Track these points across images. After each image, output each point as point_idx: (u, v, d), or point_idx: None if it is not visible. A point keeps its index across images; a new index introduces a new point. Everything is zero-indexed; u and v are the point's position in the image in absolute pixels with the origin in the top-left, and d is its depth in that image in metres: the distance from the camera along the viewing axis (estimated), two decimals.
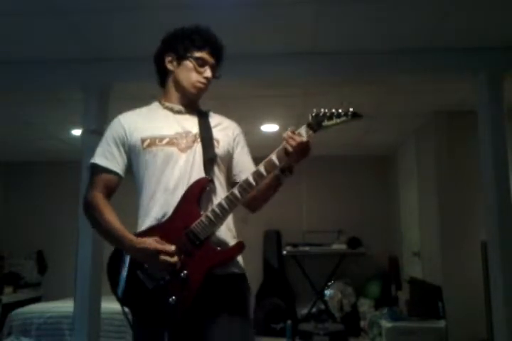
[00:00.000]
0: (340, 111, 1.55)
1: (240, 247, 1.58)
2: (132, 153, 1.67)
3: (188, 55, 1.70)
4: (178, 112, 1.74)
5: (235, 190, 1.56)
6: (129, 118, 1.72)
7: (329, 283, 5.98)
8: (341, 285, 5.93)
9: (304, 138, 1.55)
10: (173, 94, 1.76)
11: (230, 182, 1.76)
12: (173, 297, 1.49)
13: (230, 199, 1.55)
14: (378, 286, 5.84)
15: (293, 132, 1.58)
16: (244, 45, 3.08)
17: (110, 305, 4.55)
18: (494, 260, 3.19)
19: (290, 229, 6.23)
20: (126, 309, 1.60)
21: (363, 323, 5.49)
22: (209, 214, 1.55)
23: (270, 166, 1.56)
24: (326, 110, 1.55)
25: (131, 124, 1.69)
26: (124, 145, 1.68)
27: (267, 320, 5.77)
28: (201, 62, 1.71)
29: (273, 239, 6.38)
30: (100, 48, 3.25)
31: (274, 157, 1.56)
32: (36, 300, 5.91)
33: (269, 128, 5.18)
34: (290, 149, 1.54)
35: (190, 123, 1.71)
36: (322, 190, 6.21)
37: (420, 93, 4.09)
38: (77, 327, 3.19)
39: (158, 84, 1.83)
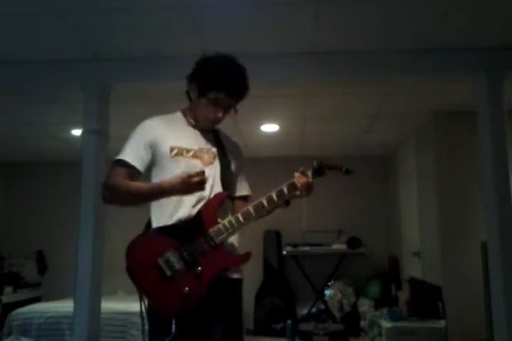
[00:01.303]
0: (337, 166, 1.89)
1: (248, 256, 1.80)
2: (158, 157, 1.83)
3: (206, 92, 1.83)
4: (199, 131, 1.92)
5: (250, 208, 1.79)
6: (160, 125, 1.88)
7: (329, 283, 5.98)
8: (341, 285, 5.93)
9: (310, 179, 1.81)
10: (193, 114, 1.92)
11: (232, 196, 1.96)
12: (187, 288, 1.67)
13: (246, 215, 1.79)
14: (378, 286, 5.84)
15: (302, 172, 1.82)
16: (245, 45, 3.08)
17: (110, 305, 4.57)
18: (494, 260, 3.19)
19: (290, 229, 6.23)
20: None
21: (363, 323, 5.49)
22: (226, 223, 1.77)
23: (280, 195, 1.80)
24: (327, 163, 1.87)
25: (163, 131, 1.85)
26: (152, 148, 1.82)
27: (267, 320, 5.78)
28: (215, 102, 1.84)
29: (273, 239, 6.38)
30: (100, 48, 3.25)
31: (285, 188, 1.80)
32: (36, 300, 5.91)
33: (269, 128, 5.19)
34: (298, 185, 1.79)
35: (209, 142, 1.92)
36: (322, 190, 6.19)
37: (420, 93, 4.10)
38: (77, 327, 3.19)
39: (187, 98, 1.94)
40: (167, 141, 1.83)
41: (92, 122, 3.39)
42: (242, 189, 2.03)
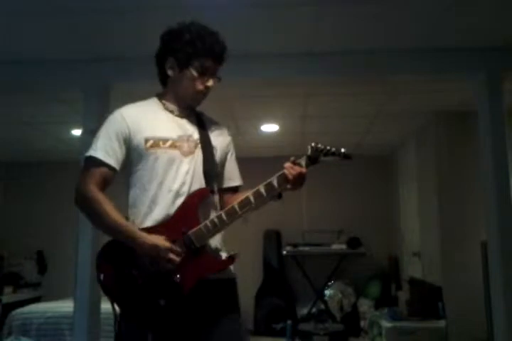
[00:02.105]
0: (334, 150, 1.62)
1: (233, 260, 1.64)
2: (134, 152, 1.65)
3: (189, 63, 1.66)
4: (179, 116, 1.73)
5: (236, 205, 1.59)
6: (132, 115, 1.69)
7: (329, 283, 5.98)
8: (341, 285, 5.93)
9: (304, 169, 1.60)
10: (173, 97, 1.74)
11: (219, 188, 1.77)
12: (164, 300, 1.51)
13: (230, 213, 1.59)
14: (378, 286, 5.84)
15: (293, 162, 1.61)
16: (245, 45, 3.07)
17: (110, 305, 4.57)
18: (494, 260, 3.18)
19: (290, 229, 6.24)
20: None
21: (363, 323, 5.49)
22: (208, 223, 1.58)
23: (270, 188, 1.60)
24: (323, 146, 1.61)
25: (135, 122, 1.67)
26: (125, 141, 1.65)
27: (267, 320, 5.78)
28: (203, 71, 1.67)
29: (273, 239, 6.38)
30: (100, 48, 3.25)
31: (274, 181, 1.59)
32: (36, 300, 5.91)
33: (269, 128, 5.19)
34: (290, 177, 1.58)
35: (190, 127, 1.72)
36: (322, 190, 6.20)
37: (420, 93, 4.09)
38: (77, 327, 3.19)
39: (159, 81, 1.81)
40: (141, 132, 1.64)
41: (92, 122, 3.39)
42: (232, 179, 1.81)
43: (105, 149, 1.64)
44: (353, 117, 4.82)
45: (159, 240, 1.53)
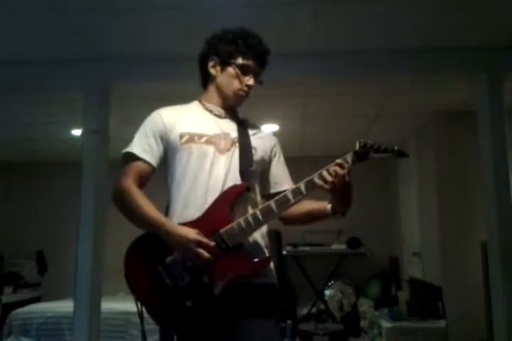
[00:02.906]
0: (386, 146, 1.53)
1: (267, 261, 1.59)
2: (169, 147, 1.64)
3: (232, 61, 1.67)
4: (218, 115, 1.72)
5: (272, 203, 1.53)
6: (169, 113, 1.70)
7: (329, 283, 5.97)
8: (341, 285, 5.93)
9: (347, 164, 1.54)
10: (214, 97, 1.73)
11: (265, 194, 1.73)
12: (191, 301, 1.47)
13: (265, 212, 1.53)
14: (378, 286, 5.84)
15: (337, 163, 1.56)
16: None
17: (110, 305, 4.57)
18: (494, 260, 3.18)
19: (290, 229, 6.19)
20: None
21: (363, 323, 5.49)
22: (241, 222, 1.51)
23: (311, 185, 1.54)
24: (374, 142, 1.53)
25: (171, 119, 1.67)
26: (162, 138, 1.65)
27: None
28: (244, 70, 1.68)
29: (273, 239, 6.37)
30: (100, 48, 3.25)
31: (316, 178, 1.54)
32: (36, 300, 5.90)
33: (269, 128, 5.18)
34: (333, 173, 1.54)
35: (229, 127, 1.69)
36: (322, 189, 6.19)
37: (420, 93, 4.09)
38: (77, 327, 3.19)
39: (200, 84, 1.79)
40: (175, 128, 1.64)
41: (92, 122, 3.39)
42: (279, 183, 1.74)
43: (141, 145, 1.65)
44: (353, 117, 4.82)
45: (189, 231, 1.48)
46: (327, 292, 5.90)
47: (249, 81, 1.69)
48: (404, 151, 1.53)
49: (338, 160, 1.54)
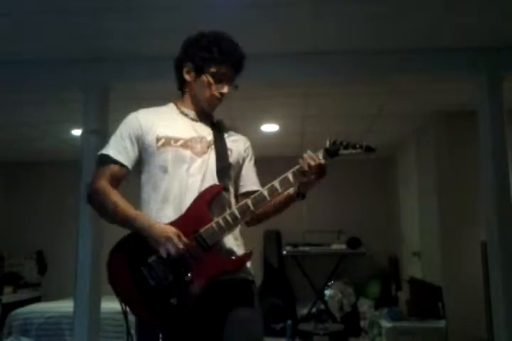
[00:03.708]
0: (355, 143, 1.61)
1: (247, 258, 1.62)
2: (145, 151, 1.67)
3: (206, 69, 1.68)
4: (194, 119, 1.74)
5: (249, 202, 1.57)
6: (146, 116, 1.71)
7: (329, 283, 5.97)
8: (341, 285, 5.93)
9: (322, 161, 1.58)
10: (189, 102, 1.76)
11: (236, 194, 1.77)
12: (175, 298, 1.49)
13: (243, 209, 1.57)
14: (378, 286, 5.84)
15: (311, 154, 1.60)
16: (244, 46, 3.07)
17: (110, 305, 4.56)
18: (494, 260, 3.19)
19: (290, 229, 6.23)
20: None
21: (363, 323, 5.49)
22: (220, 220, 1.55)
23: (285, 183, 1.59)
24: (343, 140, 1.61)
25: (148, 122, 1.68)
26: (138, 141, 1.67)
27: (267, 320, 5.77)
28: (218, 78, 1.69)
29: (273, 239, 6.38)
30: (100, 48, 3.25)
31: (290, 175, 1.59)
32: (36, 300, 5.91)
33: (269, 128, 5.18)
34: (306, 168, 1.57)
35: (205, 131, 1.72)
36: (322, 190, 6.19)
37: (420, 93, 4.09)
38: (77, 327, 3.19)
39: (177, 87, 1.81)
40: (152, 131, 1.66)
41: (92, 122, 3.39)
42: (250, 184, 1.78)
43: (116, 148, 1.67)
44: (353, 117, 4.82)
45: (167, 225, 1.53)
46: (327, 292, 5.91)
47: (223, 89, 1.70)
48: (371, 146, 1.60)
49: (308, 154, 1.60)
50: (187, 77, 1.73)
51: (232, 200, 1.72)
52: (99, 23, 2.90)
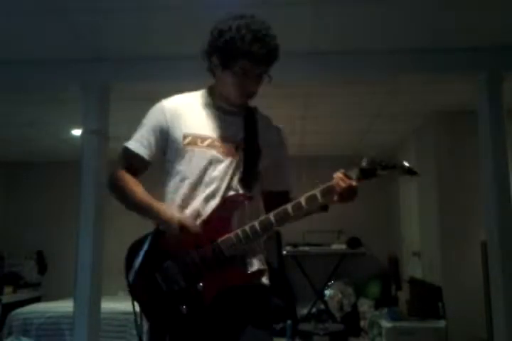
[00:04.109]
0: (395, 163, 1.45)
1: (261, 274, 1.59)
2: (172, 145, 1.61)
3: (231, 64, 1.54)
4: (225, 112, 1.64)
5: (271, 217, 1.48)
6: (173, 109, 1.63)
7: (329, 283, 5.97)
8: (341, 285, 5.93)
9: (354, 182, 1.45)
10: (220, 92, 1.65)
11: (264, 191, 1.69)
12: (184, 306, 1.47)
13: (264, 225, 1.48)
14: (378, 286, 5.84)
15: (344, 174, 1.47)
16: None
17: (110, 305, 4.57)
18: (494, 260, 3.18)
19: (290, 229, 6.20)
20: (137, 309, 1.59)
21: (363, 323, 5.49)
22: (239, 233, 1.48)
23: (312, 201, 1.48)
24: (381, 159, 1.46)
25: (175, 116, 1.61)
26: (162, 134, 1.61)
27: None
28: (244, 73, 1.55)
29: (273, 239, 6.38)
30: (100, 48, 3.25)
31: (318, 193, 1.47)
32: (36, 300, 5.91)
33: None
34: (338, 190, 1.45)
35: (236, 127, 1.62)
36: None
37: (420, 93, 4.09)
38: (77, 327, 3.19)
39: (210, 73, 1.67)
40: (180, 127, 1.58)
41: (92, 122, 3.39)
42: (279, 183, 1.69)
43: (140, 141, 1.63)
44: (352, 117, 4.82)
45: (179, 212, 1.52)
46: (327, 292, 5.90)
47: (250, 86, 1.58)
48: (413, 169, 1.45)
49: (340, 175, 1.47)
50: (215, 69, 1.60)
51: (256, 206, 1.64)
52: (99, 23, 2.90)
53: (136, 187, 1.59)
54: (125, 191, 1.59)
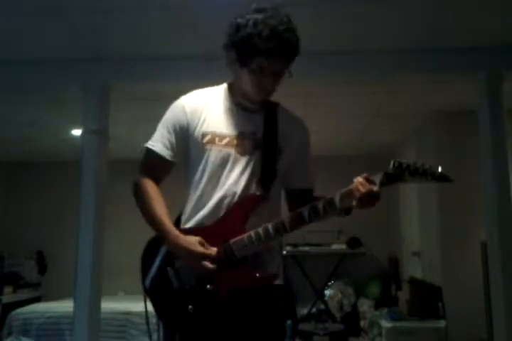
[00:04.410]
0: (426, 168, 1.35)
1: (273, 278, 1.54)
2: (192, 144, 1.59)
3: (248, 61, 1.50)
4: (245, 109, 1.61)
5: (286, 220, 1.46)
6: (194, 106, 1.60)
7: (329, 283, 5.97)
8: (341, 285, 5.93)
9: (375, 188, 1.41)
10: (238, 89, 1.60)
11: (289, 188, 1.66)
12: (191, 306, 1.47)
13: (278, 228, 1.45)
14: (378, 286, 5.83)
15: (366, 178, 1.43)
16: None
17: (110, 305, 4.57)
18: (494, 260, 3.18)
19: None
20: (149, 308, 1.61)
21: (363, 323, 5.49)
22: (252, 234, 1.46)
23: (330, 206, 1.45)
24: (411, 163, 1.37)
25: (195, 114, 1.58)
26: (182, 132, 1.59)
27: None
28: (262, 71, 1.51)
29: None
30: (100, 48, 3.25)
31: (337, 198, 1.43)
32: (36, 300, 5.91)
33: None
34: (357, 195, 1.41)
35: (256, 124, 1.59)
36: (322, 190, 6.18)
37: (420, 93, 4.09)
38: (77, 327, 3.19)
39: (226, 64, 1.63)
40: (200, 126, 1.56)
41: (92, 122, 3.39)
42: (301, 182, 1.65)
43: (162, 141, 1.59)
44: (353, 117, 4.82)
45: (192, 243, 1.45)
46: (327, 292, 5.90)
47: (267, 84, 1.54)
48: (446, 175, 1.34)
49: (360, 180, 1.43)
50: (232, 65, 1.56)
51: (276, 203, 1.61)
52: (99, 23, 2.90)
53: (156, 203, 1.55)
54: (145, 206, 1.56)
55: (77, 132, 5.05)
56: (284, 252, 6.05)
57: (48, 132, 5.29)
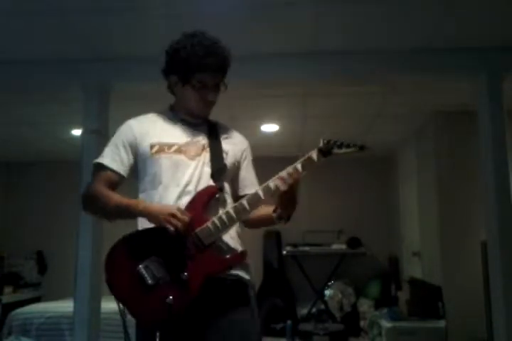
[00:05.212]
0: (349, 142, 1.61)
1: (241, 256, 1.63)
2: (140, 158, 1.70)
3: (190, 79, 1.68)
4: (189, 123, 1.76)
5: (244, 202, 1.59)
6: (140, 124, 1.75)
7: (329, 283, 5.98)
8: (341, 285, 5.93)
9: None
10: (182, 107, 1.77)
11: (235, 196, 1.78)
12: (170, 297, 1.50)
13: (238, 210, 1.58)
14: (378, 286, 5.84)
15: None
16: (245, 46, 3.07)
17: (110, 305, 4.56)
18: (494, 260, 3.19)
19: (290, 229, 6.23)
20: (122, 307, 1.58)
21: (363, 323, 5.49)
22: (216, 220, 1.57)
23: (279, 182, 1.58)
24: (336, 139, 1.62)
25: (142, 129, 1.72)
26: (132, 148, 1.71)
27: (267, 320, 5.77)
28: (204, 85, 1.69)
29: (273, 239, 6.38)
30: (100, 48, 3.25)
31: (284, 173, 1.59)
32: (36, 300, 5.91)
33: (269, 128, 5.19)
34: (289, 181, 1.59)
35: (201, 134, 1.74)
36: (322, 189, 6.21)
37: (420, 93, 4.09)
38: (77, 327, 3.19)
39: (170, 92, 1.83)
40: (147, 139, 1.69)
41: (92, 122, 3.39)
42: (247, 186, 1.79)
43: (111, 156, 1.71)
44: (352, 117, 4.82)
45: (171, 205, 1.58)
46: (327, 292, 5.91)
47: (209, 96, 1.71)
48: (364, 145, 1.60)
49: (304, 158, 1.61)
50: (175, 87, 1.75)
51: (229, 200, 1.73)
52: (99, 23, 2.90)
53: (111, 193, 1.65)
54: (101, 198, 1.64)
55: (77, 132, 5.05)
56: (284, 252, 6.06)
57: (48, 132, 5.29)
